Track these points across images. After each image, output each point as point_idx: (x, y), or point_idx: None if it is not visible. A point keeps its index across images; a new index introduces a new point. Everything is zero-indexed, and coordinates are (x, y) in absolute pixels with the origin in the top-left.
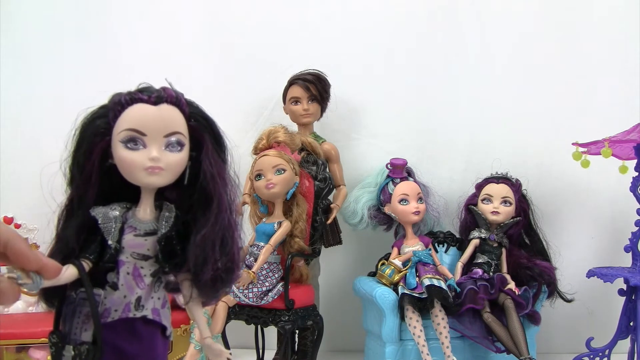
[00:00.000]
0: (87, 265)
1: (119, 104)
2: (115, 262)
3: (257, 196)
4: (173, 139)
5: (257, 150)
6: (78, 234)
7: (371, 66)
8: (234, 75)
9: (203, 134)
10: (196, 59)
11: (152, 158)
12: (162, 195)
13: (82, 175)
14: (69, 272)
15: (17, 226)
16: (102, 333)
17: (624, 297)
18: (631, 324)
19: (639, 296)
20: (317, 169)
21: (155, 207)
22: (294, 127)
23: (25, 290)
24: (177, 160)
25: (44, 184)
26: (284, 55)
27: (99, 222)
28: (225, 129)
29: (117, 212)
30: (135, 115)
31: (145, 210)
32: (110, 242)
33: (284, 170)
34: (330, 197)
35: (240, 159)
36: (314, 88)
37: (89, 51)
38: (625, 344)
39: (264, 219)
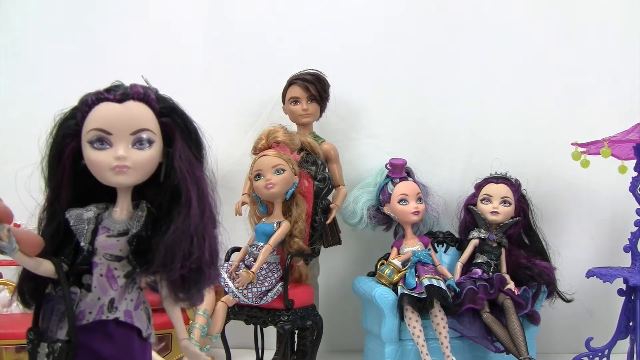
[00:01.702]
0: (64, 266)
1: (86, 104)
2: (89, 263)
3: (256, 196)
4: (142, 136)
5: (257, 150)
6: (53, 237)
7: (371, 66)
8: (233, 75)
9: (174, 130)
10: (196, 59)
11: (117, 157)
12: (141, 193)
13: (56, 177)
14: (45, 266)
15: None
16: (78, 335)
17: (624, 297)
18: (630, 324)
19: (639, 296)
20: (316, 169)
21: (134, 207)
22: (293, 127)
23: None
24: (145, 158)
25: (20, 185)
26: (284, 55)
27: (71, 224)
28: (225, 129)
29: (92, 214)
30: (100, 115)
31: (122, 210)
32: (82, 243)
33: (283, 170)
34: (330, 197)
35: (239, 159)
36: (313, 88)
37: (88, 51)
38: (624, 344)
39: (263, 219)
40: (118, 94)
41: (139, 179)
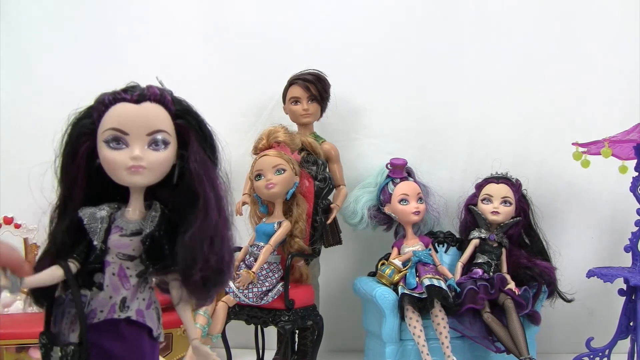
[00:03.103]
0: (74, 265)
1: (103, 103)
2: (102, 262)
3: (257, 196)
4: (157, 137)
5: (257, 150)
6: (66, 235)
7: (371, 66)
8: (234, 75)
9: (189, 132)
10: (196, 59)
11: (133, 157)
12: (154, 194)
13: (69, 176)
14: (55, 273)
15: (17, 226)
16: (89, 334)
17: (624, 297)
18: (631, 324)
19: (639, 296)
20: (317, 169)
21: (146, 207)
22: (294, 127)
23: (6, 292)
24: (160, 159)
25: (32, 184)
26: (284, 55)
27: (85, 222)
28: (225, 129)
29: (105, 213)
30: (117, 115)
31: (134, 210)
32: (95, 242)
33: (284, 170)
34: (330, 197)
35: (240, 159)
36: (313, 88)
37: (88, 51)
38: (625, 344)
39: (264, 219)
40: (135, 94)
41: (153, 180)
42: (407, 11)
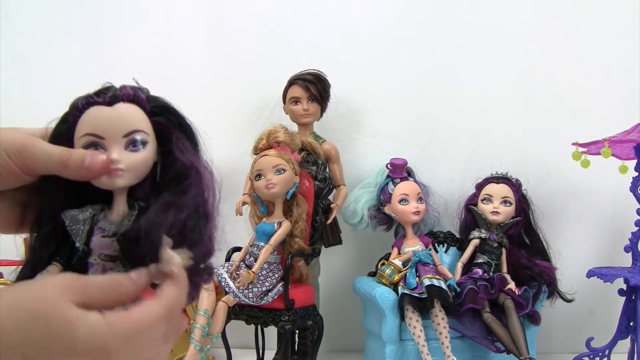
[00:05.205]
0: (57, 268)
1: (77, 108)
2: (85, 264)
3: (257, 196)
4: (135, 137)
5: (257, 150)
6: (47, 240)
7: (371, 66)
8: (233, 75)
9: (169, 128)
10: (195, 59)
11: (111, 161)
12: (136, 193)
13: (49, 181)
14: None
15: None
16: None
17: (624, 297)
18: (631, 324)
19: (639, 296)
20: (317, 169)
21: (129, 207)
22: (294, 127)
23: None
24: (139, 160)
25: None
26: (284, 55)
27: (67, 224)
28: (225, 129)
29: (88, 214)
30: (90, 119)
31: (117, 212)
32: (77, 244)
33: (284, 170)
34: (331, 197)
35: (240, 159)
36: (313, 88)
37: (87, 51)
38: (625, 344)
39: (263, 219)
40: (108, 96)
41: (134, 181)
42: (407, 11)
